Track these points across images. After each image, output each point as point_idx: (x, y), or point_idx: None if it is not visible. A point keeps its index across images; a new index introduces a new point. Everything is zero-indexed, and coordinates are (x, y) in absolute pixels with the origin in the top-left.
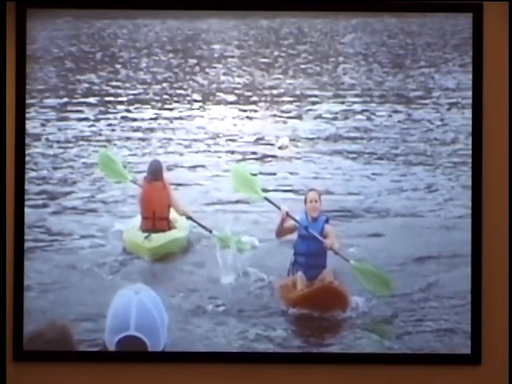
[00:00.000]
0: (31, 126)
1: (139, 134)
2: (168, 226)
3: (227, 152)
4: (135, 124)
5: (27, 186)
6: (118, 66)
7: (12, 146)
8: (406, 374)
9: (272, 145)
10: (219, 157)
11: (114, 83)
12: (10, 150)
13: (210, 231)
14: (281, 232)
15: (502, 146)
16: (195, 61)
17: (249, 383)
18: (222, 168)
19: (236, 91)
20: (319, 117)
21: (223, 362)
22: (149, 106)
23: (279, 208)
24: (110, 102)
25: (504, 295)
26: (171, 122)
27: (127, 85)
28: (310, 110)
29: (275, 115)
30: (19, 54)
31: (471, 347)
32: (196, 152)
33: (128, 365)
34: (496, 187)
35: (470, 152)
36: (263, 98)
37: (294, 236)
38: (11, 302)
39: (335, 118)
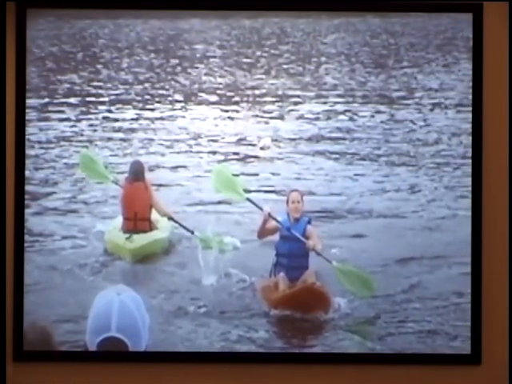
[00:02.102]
0: None
1: (120, 135)
2: (149, 226)
3: (209, 152)
4: (117, 124)
5: None
6: (100, 67)
7: (12, 147)
8: (404, 374)
9: (254, 145)
10: (201, 157)
11: (95, 83)
12: (10, 151)
13: (192, 232)
14: (263, 233)
15: (502, 146)
16: (177, 61)
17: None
18: (204, 168)
19: (218, 91)
20: (301, 117)
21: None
22: (130, 107)
23: (261, 209)
24: (91, 102)
25: (504, 295)
26: (153, 122)
27: (109, 85)
28: (292, 110)
29: (257, 115)
30: (19, 53)
31: (471, 347)
32: (178, 152)
33: (128, 365)
34: (496, 187)
35: (453, 153)
36: (245, 99)
37: (275, 237)
38: (11, 302)
39: (317, 119)
